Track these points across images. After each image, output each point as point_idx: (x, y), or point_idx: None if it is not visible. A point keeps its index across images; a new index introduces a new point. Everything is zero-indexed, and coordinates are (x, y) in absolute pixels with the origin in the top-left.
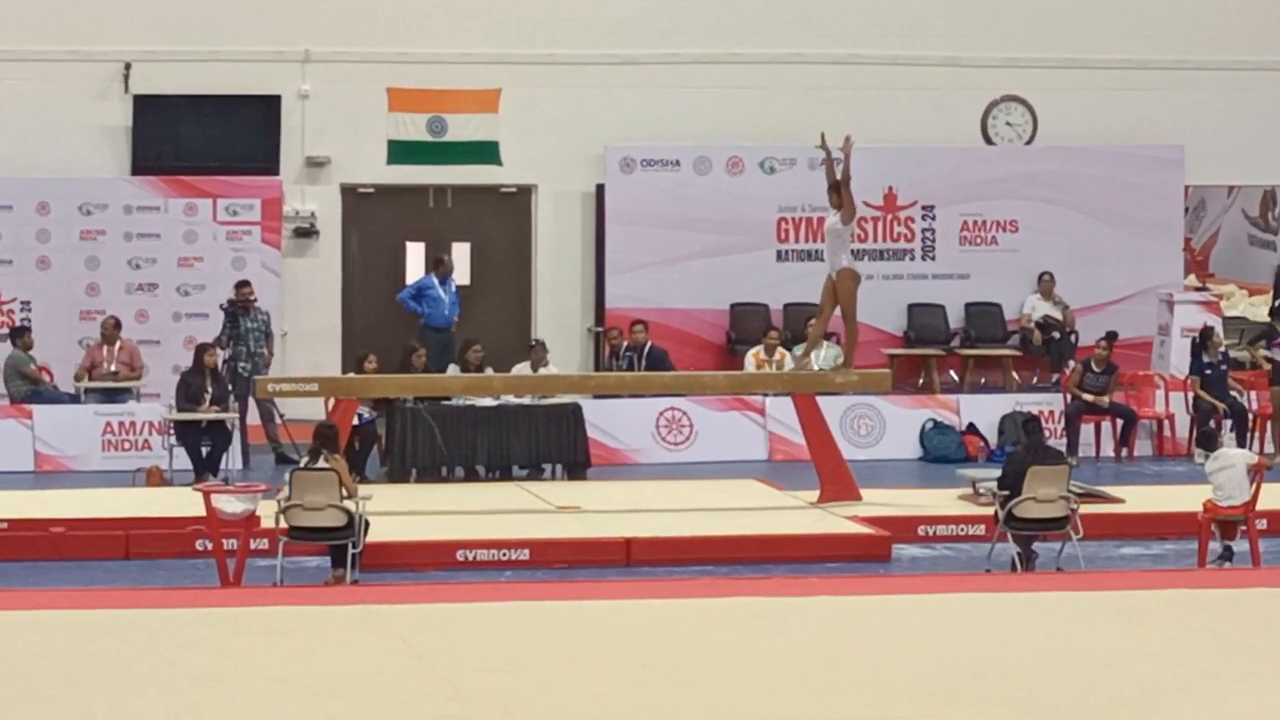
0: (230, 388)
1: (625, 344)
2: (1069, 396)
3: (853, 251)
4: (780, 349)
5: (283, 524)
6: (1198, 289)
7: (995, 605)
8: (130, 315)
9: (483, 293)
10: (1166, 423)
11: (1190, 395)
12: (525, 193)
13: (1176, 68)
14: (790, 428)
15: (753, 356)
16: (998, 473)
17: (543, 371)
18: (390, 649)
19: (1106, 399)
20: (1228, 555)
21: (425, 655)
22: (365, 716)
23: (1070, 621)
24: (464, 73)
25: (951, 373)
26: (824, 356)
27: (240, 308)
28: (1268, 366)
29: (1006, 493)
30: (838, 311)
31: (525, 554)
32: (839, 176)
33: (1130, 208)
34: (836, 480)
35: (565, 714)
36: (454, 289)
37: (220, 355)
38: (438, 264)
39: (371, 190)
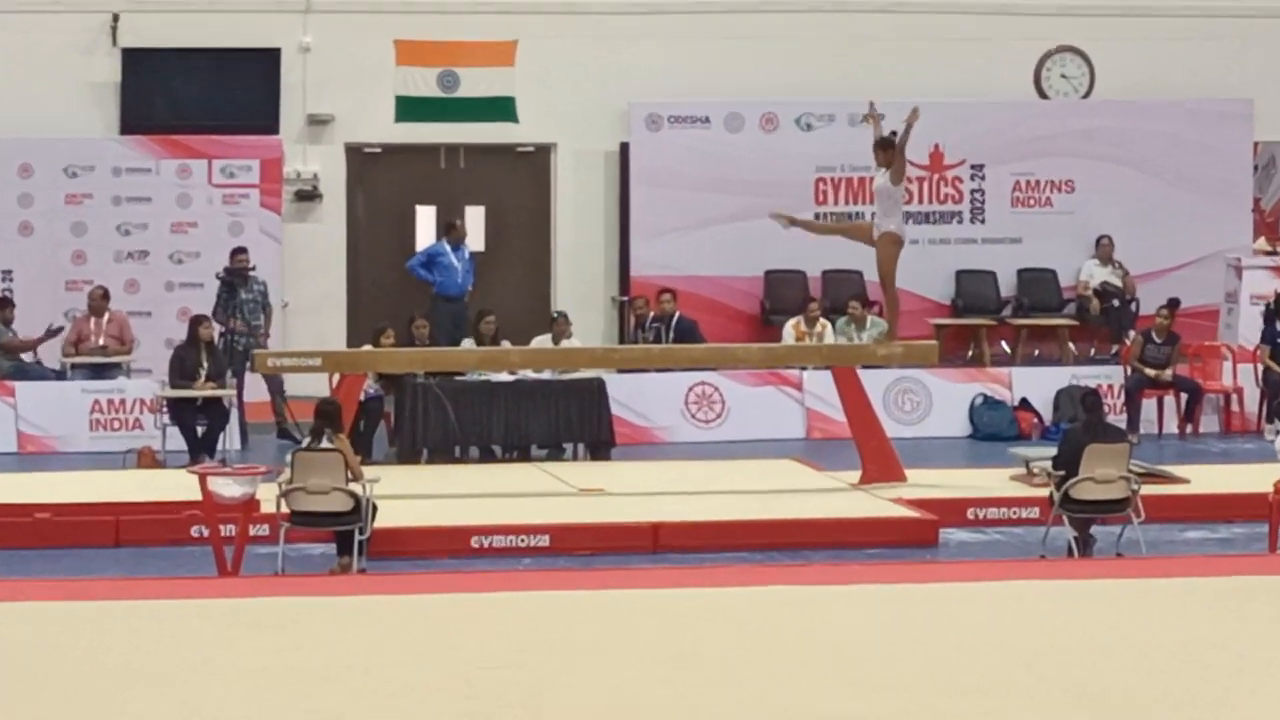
0: (227, 362)
1: (652, 314)
2: (1129, 369)
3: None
4: (822, 320)
5: (284, 509)
6: (1268, 253)
7: (1050, 594)
8: (119, 285)
9: (498, 260)
10: (1234, 396)
11: (1260, 367)
12: (544, 152)
13: (1245, 15)
14: (829, 404)
15: (791, 328)
16: (1053, 451)
17: (564, 344)
18: (400, 642)
19: (1169, 372)
20: None
21: (438, 649)
22: (374, 714)
23: (1131, 611)
24: (477, 23)
25: (1003, 344)
26: (868, 329)
27: (237, 277)
28: None
29: (1062, 473)
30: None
31: (545, 540)
32: (897, 142)
33: (1195, 166)
34: (879, 460)
35: (589, 711)
36: (468, 256)
37: (216, 328)
38: (449, 229)
39: (378, 150)
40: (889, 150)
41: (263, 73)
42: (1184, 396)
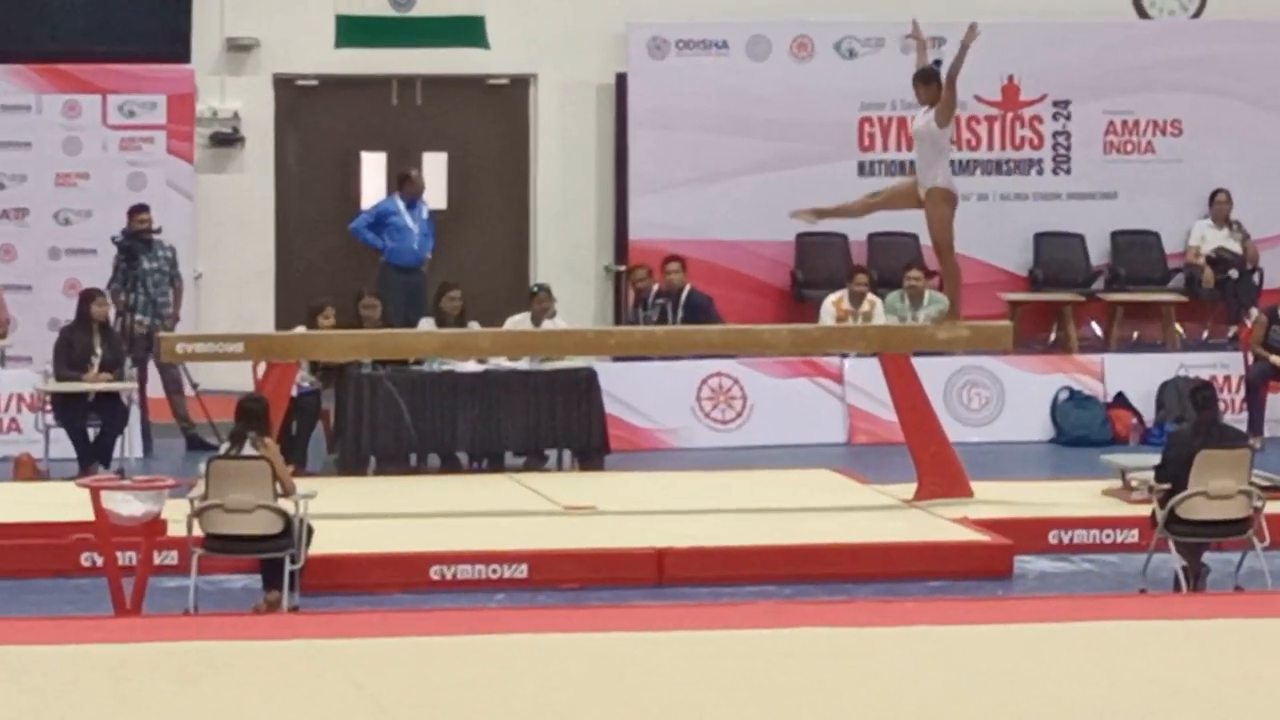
0: (126, 349)
1: (655, 288)
2: (1250, 356)
3: (952, 164)
4: (870, 295)
5: (197, 531)
6: None
7: (1153, 636)
8: None
9: (465, 220)
10: None
11: None
12: (521, 85)
13: None
14: (877, 400)
15: (832, 305)
16: (1155, 459)
17: (546, 325)
18: (341, 698)
19: None
20: None
21: (387, 706)
22: None
23: (1253, 656)
24: None
25: (1093, 325)
26: (926, 306)
27: (139, 241)
28: None
29: (1168, 486)
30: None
31: (522, 570)
32: (946, 72)
33: None
34: (939, 470)
35: None
36: (426, 215)
37: (112, 306)
38: (403, 181)
39: (315, 82)
40: (933, 83)
41: None
42: None
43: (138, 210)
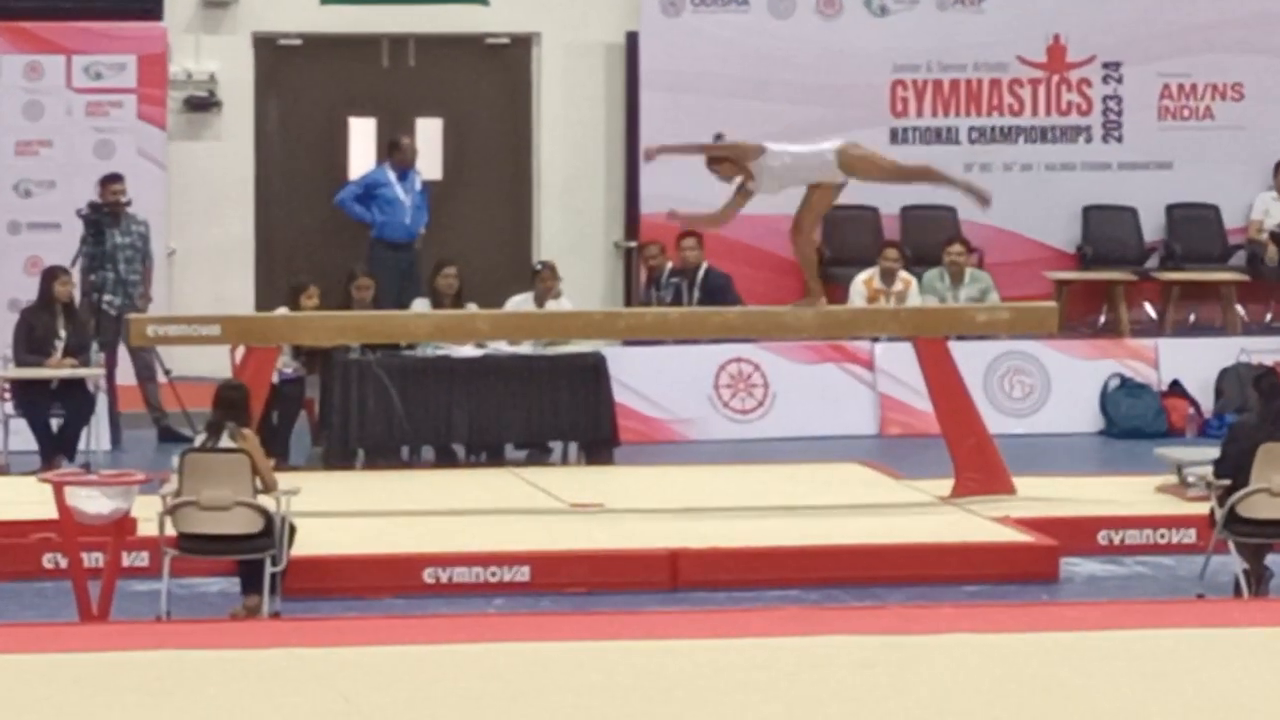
0: (93, 332)
1: (670, 266)
2: None
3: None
4: (903, 274)
5: (170, 530)
6: None
7: (1212, 646)
8: None
9: (461, 192)
10: None
11: None
12: (522, 45)
13: None
14: (911, 388)
15: (862, 284)
16: (1214, 453)
17: (550, 306)
18: (327, 712)
19: None
20: None
21: None
22: None
23: None
24: None
25: (1147, 306)
26: (967, 284)
27: (107, 215)
28: None
29: (1228, 482)
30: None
31: (524, 573)
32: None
33: None
34: (979, 464)
35: None
36: (419, 186)
37: (77, 285)
38: (393, 149)
39: (298, 42)
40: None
41: None
42: None
43: (110, 180)
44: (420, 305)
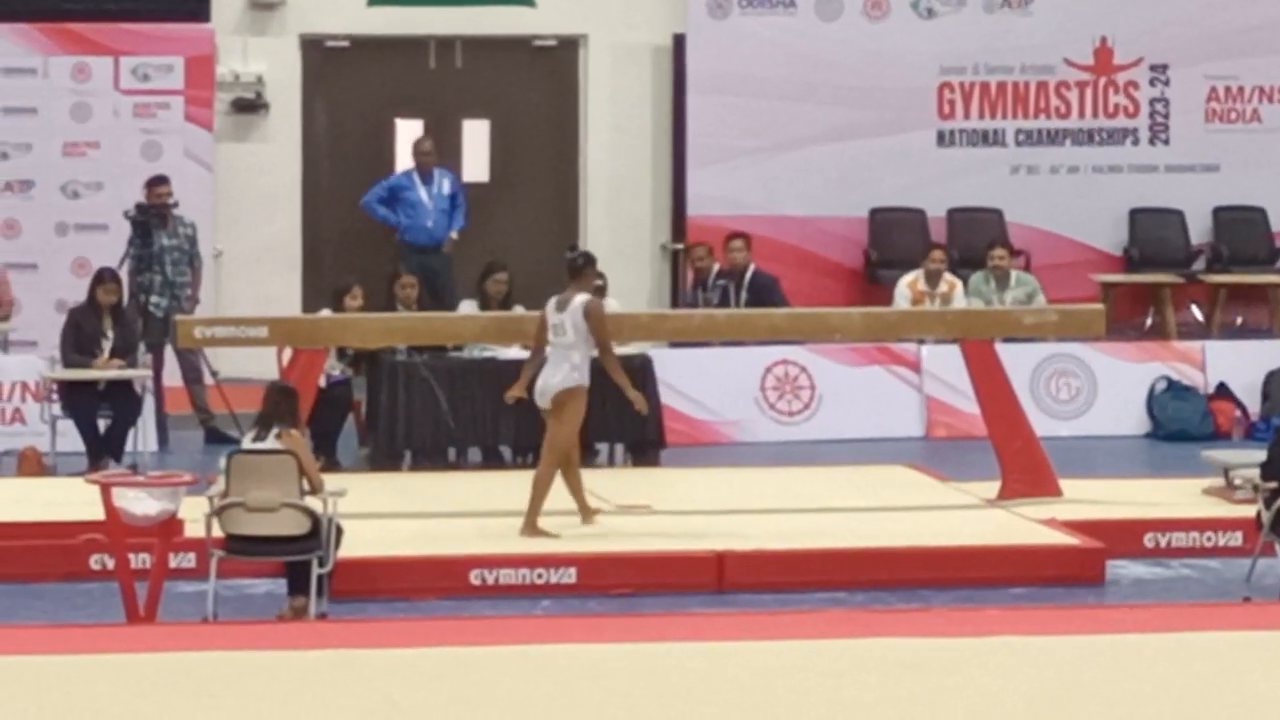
0: (140, 333)
1: (717, 268)
2: None
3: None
4: (948, 276)
5: (216, 531)
6: None
7: (1258, 649)
8: None
9: (508, 193)
10: None
11: None
12: (570, 47)
13: None
14: (958, 390)
15: (906, 287)
16: (1261, 455)
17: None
18: (373, 713)
19: None
20: None
21: None
22: None
23: None
24: None
25: (1194, 308)
26: (1013, 288)
27: (155, 217)
28: None
29: (1275, 485)
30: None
31: (571, 575)
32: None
33: None
34: (1025, 467)
35: None
36: (448, 189)
37: (125, 287)
38: (417, 151)
39: (345, 44)
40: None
41: None
42: None
43: (157, 182)
44: (468, 307)
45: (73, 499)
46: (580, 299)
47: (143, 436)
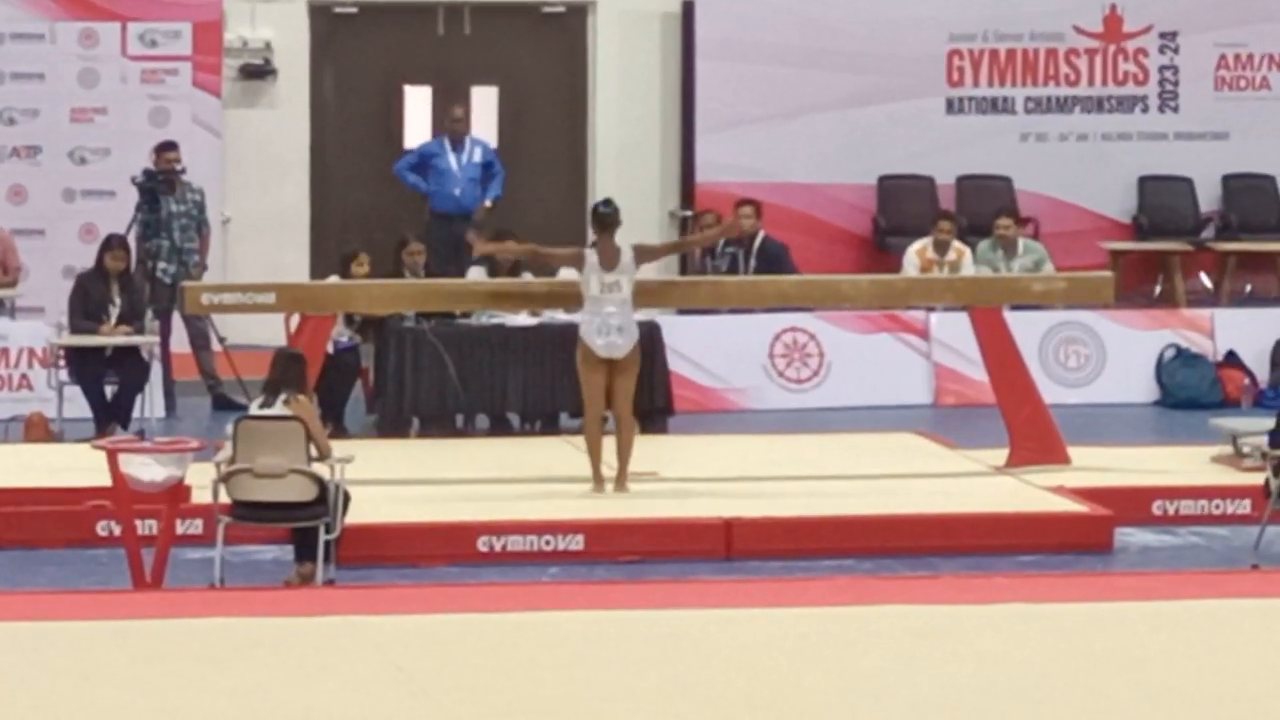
0: (147, 300)
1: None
2: None
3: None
4: (956, 244)
5: (224, 497)
6: None
7: (1266, 616)
8: (0, 192)
9: (517, 160)
10: None
11: None
12: (578, 13)
13: None
14: (966, 358)
15: (915, 254)
16: (1270, 423)
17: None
18: (380, 679)
19: None
20: None
21: (429, 689)
22: None
23: None
24: None
25: (1203, 276)
26: (1021, 256)
27: (163, 183)
28: None
29: None
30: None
31: (578, 542)
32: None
33: None
34: (1033, 434)
35: None
36: (478, 158)
37: (133, 253)
38: (446, 119)
39: (354, 10)
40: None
41: None
42: None
43: (166, 148)
44: (476, 273)
45: (80, 465)
46: (626, 251)
47: (150, 403)
